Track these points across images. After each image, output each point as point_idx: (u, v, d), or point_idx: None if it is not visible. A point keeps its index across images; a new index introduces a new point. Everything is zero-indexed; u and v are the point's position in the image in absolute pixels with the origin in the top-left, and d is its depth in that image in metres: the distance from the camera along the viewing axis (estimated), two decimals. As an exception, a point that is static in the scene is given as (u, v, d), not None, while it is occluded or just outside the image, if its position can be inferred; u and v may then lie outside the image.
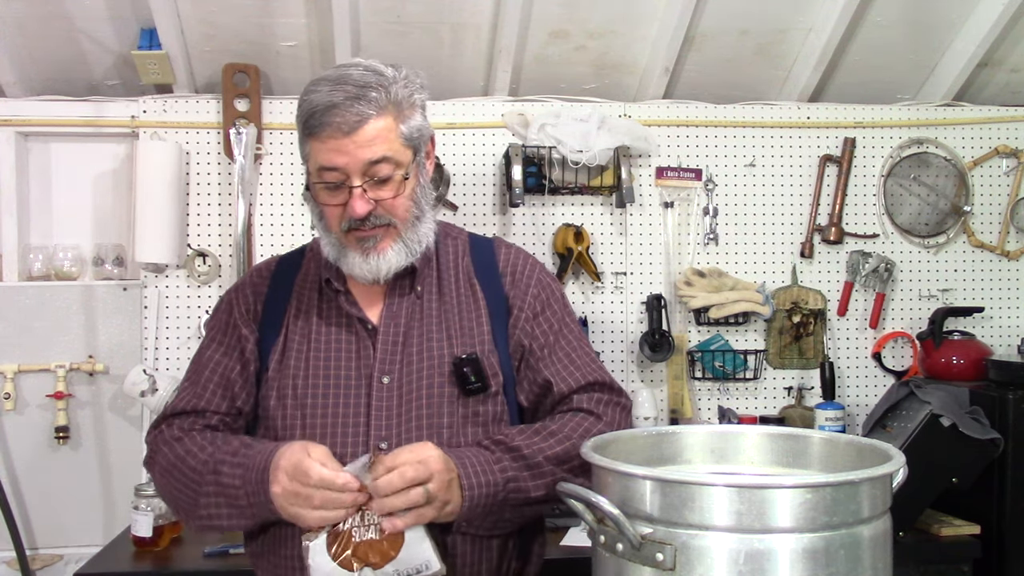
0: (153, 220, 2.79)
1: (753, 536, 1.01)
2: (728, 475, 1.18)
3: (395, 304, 1.59)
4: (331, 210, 1.51)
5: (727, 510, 1.01)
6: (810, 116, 3.15)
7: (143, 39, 2.76)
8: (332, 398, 1.54)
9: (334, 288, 1.60)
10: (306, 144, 1.50)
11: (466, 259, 1.66)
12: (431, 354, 1.56)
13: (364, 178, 1.47)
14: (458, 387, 1.54)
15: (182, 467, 1.52)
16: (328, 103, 1.44)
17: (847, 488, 1.04)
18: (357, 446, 1.51)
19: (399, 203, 1.51)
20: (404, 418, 1.52)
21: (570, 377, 1.60)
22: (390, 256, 1.52)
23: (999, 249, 3.21)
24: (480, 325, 1.60)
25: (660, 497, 1.04)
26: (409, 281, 1.60)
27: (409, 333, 1.57)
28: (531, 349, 1.61)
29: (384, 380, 1.54)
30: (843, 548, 1.03)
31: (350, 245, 1.52)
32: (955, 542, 2.57)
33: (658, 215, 3.08)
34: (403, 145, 1.49)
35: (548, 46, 2.93)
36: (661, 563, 1.03)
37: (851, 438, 1.26)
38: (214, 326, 1.68)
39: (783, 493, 1.01)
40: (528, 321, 1.62)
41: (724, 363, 3.05)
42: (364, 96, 1.45)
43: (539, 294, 1.65)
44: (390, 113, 1.47)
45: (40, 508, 2.85)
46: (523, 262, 1.68)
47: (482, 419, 1.56)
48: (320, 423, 1.53)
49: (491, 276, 1.65)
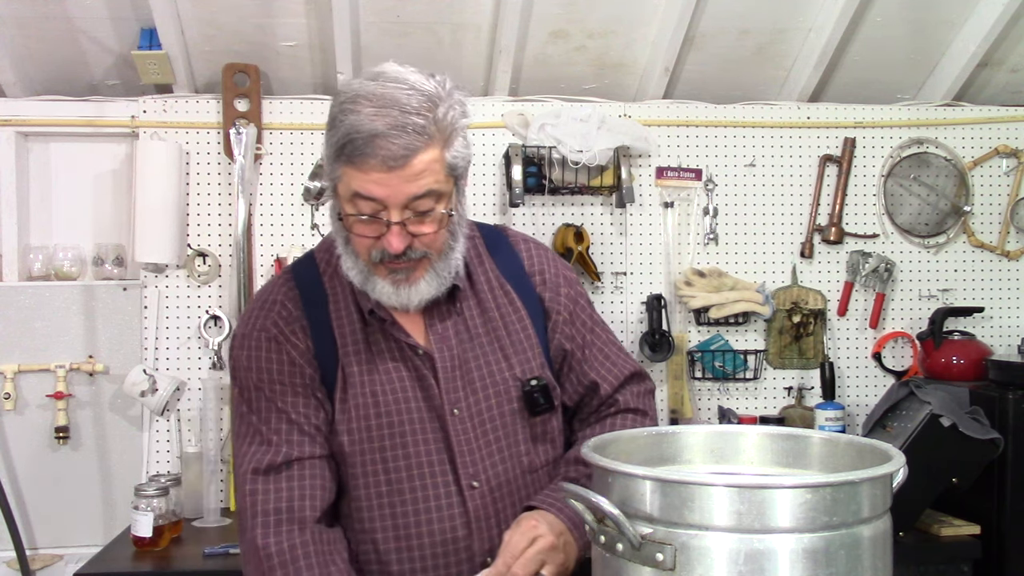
0: (153, 220, 2.79)
1: (753, 536, 1.01)
2: (728, 475, 1.18)
3: (438, 326, 1.52)
4: (362, 240, 1.40)
5: (727, 510, 1.01)
6: (810, 116, 3.15)
7: (143, 39, 2.76)
8: (410, 435, 1.48)
9: (379, 317, 1.50)
10: (338, 167, 1.37)
11: (489, 261, 1.60)
12: (494, 379, 1.52)
13: (404, 212, 1.36)
14: (527, 410, 1.53)
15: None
16: (371, 131, 1.31)
17: (847, 488, 1.04)
18: (448, 485, 1.48)
19: (437, 237, 1.42)
20: (485, 451, 1.50)
21: (610, 375, 1.62)
22: (422, 288, 1.44)
23: (999, 249, 3.21)
24: (529, 337, 1.56)
25: (660, 497, 1.04)
26: (448, 299, 1.53)
27: (464, 356, 1.52)
28: (572, 351, 1.60)
29: (455, 412, 1.49)
30: (843, 548, 1.03)
31: (379, 274, 1.44)
32: (955, 542, 2.57)
33: (658, 215, 3.08)
34: (447, 175, 1.39)
35: (548, 46, 2.93)
36: (661, 563, 1.03)
37: (851, 438, 1.26)
38: (267, 373, 1.49)
39: (783, 493, 1.01)
40: (566, 324, 1.60)
41: (724, 363, 3.05)
42: (412, 124, 1.32)
43: (570, 292, 1.62)
44: (437, 143, 1.35)
45: (40, 508, 2.85)
46: (547, 258, 1.64)
47: (550, 435, 1.56)
48: (404, 464, 1.47)
49: (521, 278, 1.60)
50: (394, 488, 1.47)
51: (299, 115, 2.95)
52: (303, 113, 2.96)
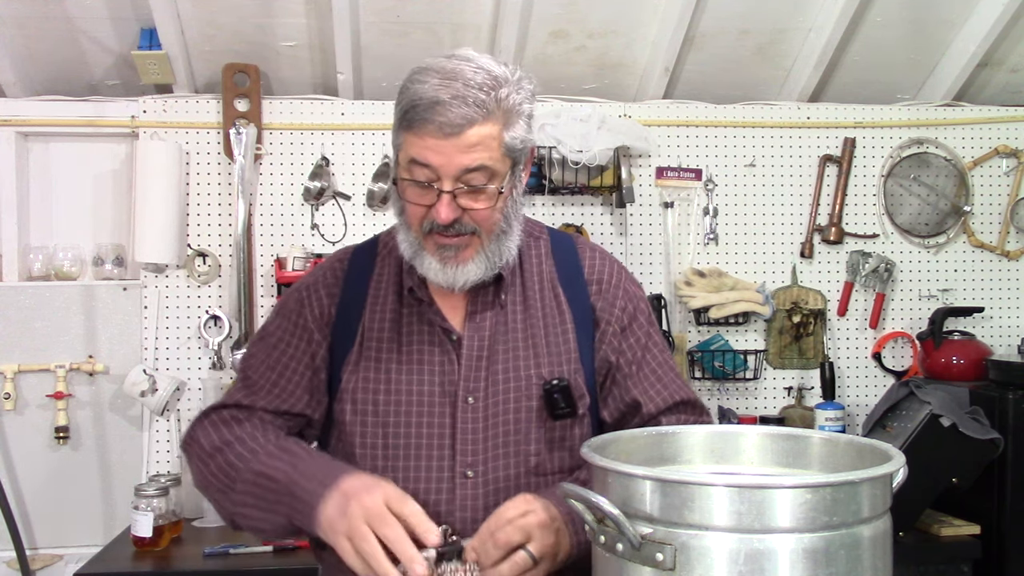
0: (153, 220, 2.79)
1: (753, 536, 1.01)
2: (728, 475, 1.18)
3: (479, 315, 1.51)
4: (414, 208, 1.41)
5: (727, 510, 1.01)
6: (810, 116, 3.15)
7: (143, 39, 2.76)
8: (416, 416, 1.47)
9: (417, 298, 1.50)
10: (400, 134, 1.40)
11: (549, 262, 1.57)
12: (518, 374, 1.49)
13: (456, 184, 1.36)
14: (547, 411, 1.48)
15: (227, 452, 1.42)
16: (433, 98, 1.33)
17: (847, 488, 1.03)
18: (442, 471, 1.46)
19: (489, 215, 1.41)
20: (491, 443, 1.47)
21: (658, 396, 1.55)
22: (470, 268, 1.43)
23: (999, 249, 3.21)
24: (567, 342, 1.53)
25: (660, 497, 1.04)
26: (494, 289, 1.51)
27: (494, 348, 1.50)
28: (618, 365, 1.55)
29: (469, 400, 1.47)
30: (843, 548, 1.03)
31: (428, 248, 1.43)
32: (955, 542, 2.57)
33: (658, 215, 3.08)
34: (503, 155, 1.38)
35: (548, 46, 2.93)
36: (661, 563, 1.03)
37: (851, 438, 1.26)
38: (281, 325, 1.55)
39: (783, 493, 1.01)
40: (616, 336, 1.55)
41: (724, 363, 3.05)
42: (473, 97, 1.34)
43: (627, 306, 1.57)
44: (497, 119, 1.36)
45: (40, 508, 2.85)
46: (609, 268, 1.59)
47: (569, 443, 1.51)
48: (403, 443, 1.47)
49: (576, 284, 1.56)
50: (391, 464, 1.47)
51: (299, 115, 2.95)
52: (303, 113, 2.96)
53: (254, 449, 1.41)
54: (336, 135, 2.97)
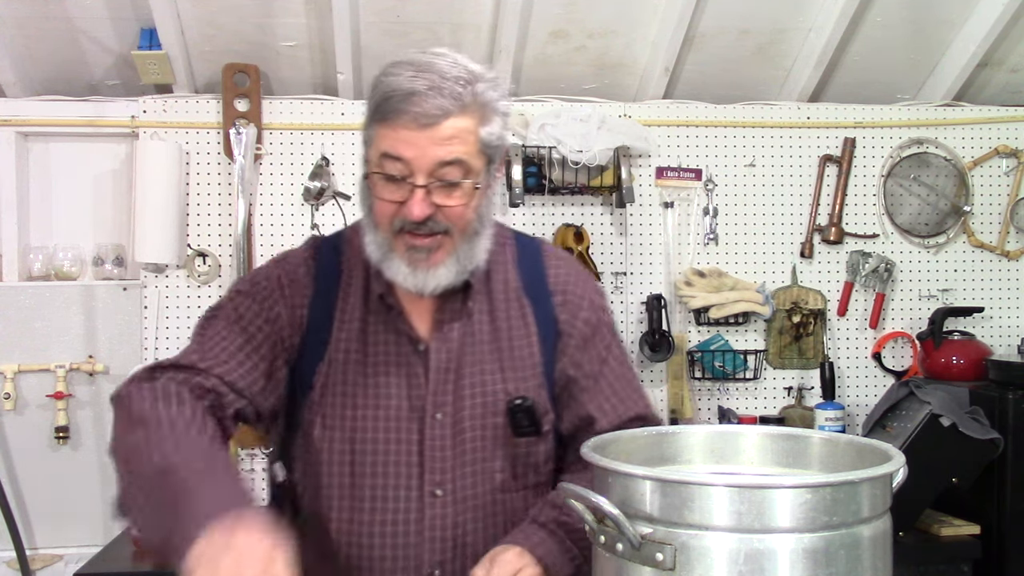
0: (153, 220, 2.79)
1: (753, 536, 1.01)
2: (728, 475, 1.18)
3: (446, 324, 1.45)
4: (384, 206, 1.36)
5: (727, 510, 1.01)
6: (810, 116, 3.15)
7: (143, 39, 2.76)
8: (383, 432, 1.42)
9: (387, 305, 1.44)
10: (372, 128, 1.36)
11: (514, 271, 1.52)
12: (484, 389, 1.45)
13: (430, 178, 1.32)
14: (511, 429, 1.45)
15: (149, 429, 1.25)
16: (408, 89, 1.30)
17: (847, 488, 1.03)
18: (411, 489, 1.42)
19: (463, 213, 1.36)
20: (457, 461, 1.43)
21: (612, 412, 1.51)
22: (440, 272, 1.38)
23: (999, 249, 3.21)
24: (532, 355, 1.48)
25: (660, 497, 1.04)
26: (462, 297, 1.46)
27: (461, 360, 1.45)
28: (575, 379, 1.51)
29: (438, 416, 1.43)
30: (843, 548, 1.03)
31: (398, 251, 1.37)
32: (955, 542, 2.57)
33: (658, 215, 3.08)
34: (479, 150, 1.35)
35: (548, 46, 2.93)
36: (661, 563, 1.03)
37: (851, 438, 1.26)
38: (251, 308, 1.45)
39: (783, 493, 1.01)
40: (577, 349, 1.51)
41: (724, 363, 3.05)
42: (449, 89, 1.30)
43: (590, 318, 1.53)
44: (473, 114, 1.33)
45: (40, 508, 2.85)
46: (575, 279, 1.55)
47: (533, 460, 1.49)
48: (371, 460, 1.42)
49: (541, 294, 1.52)
50: (357, 481, 1.42)
51: (299, 115, 2.95)
52: (303, 113, 2.96)
53: (177, 441, 1.23)
54: (336, 135, 2.97)
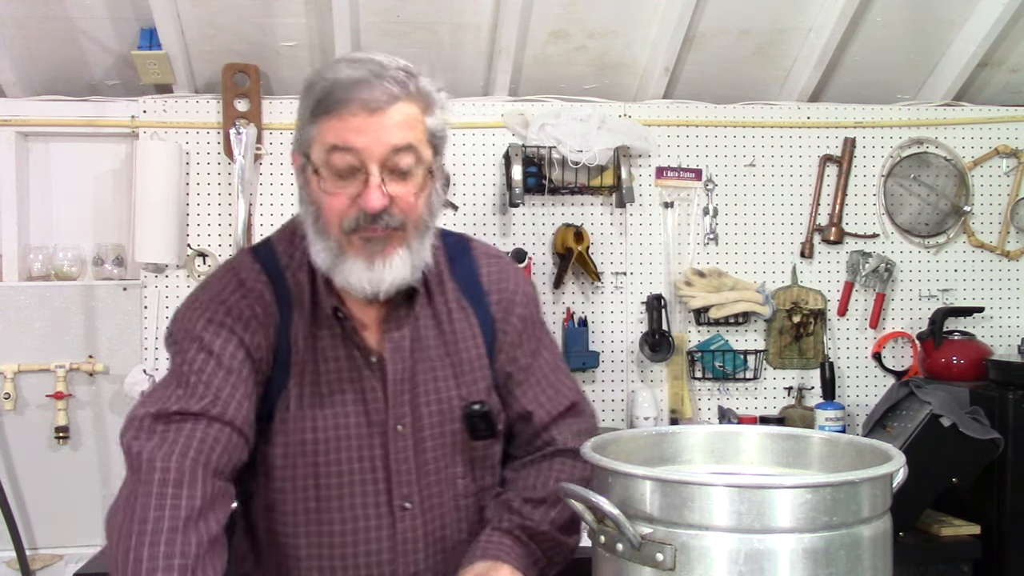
0: (153, 220, 2.79)
1: (753, 536, 1.01)
2: (728, 475, 1.18)
3: (396, 333, 1.42)
4: (334, 203, 1.30)
5: (727, 510, 1.01)
6: (810, 116, 3.15)
7: (143, 39, 2.76)
8: (345, 452, 1.39)
9: (339, 318, 1.39)
10: (313, 126, 1.30)
11: (447, 272, 1.50)
12: (439, 396, 1.44)
13: (384, 168, 1.28)
14: (468, 433, 1.45)
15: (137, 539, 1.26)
16: (352, 78, 1.26)
17: (847, 488, 1.04)
18: (379, 506, 1.40)
19: (416, 205, 1.32)
20: (422, 471, 1.42)
21: (548, 403, 1.52)
22: (396, 265, 1.33)
23: (999, 249, 3.21)
24: (480, 357, 1.48)
25: (660, 497, 1.04)
26: (407, 304, 1.43)
27: (415, 369, 1.43)
28: (511, 374, 1.51)
29: (399, 428, 1.41)
30: (843, 548, 1.03)
31: (351, 250, 1.32)
32: (955, 542, 2.57)
33: (658, 215, 3.08)
34: (427, 140, 1.32)
35: (548, 46, 2.93)
36: (661, 563, 1.03)
37: (851, 438, 1.26)
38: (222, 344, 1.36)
39: (783, 493, 1.01)
40: (512, 346, 1.50)
41: (724, 363, 3.05)
42: (392, 76, 1.28)
43: (523, 313, 1.52)
44: (418, 102, 1.31)
45: (40, 508, 2.85)
46: (506, 275, 1.53)
47: (490, 462, 1.49)
48: (336, 483, 1.39)
49: (477, 294, 1.50)
50: (323, 505, 1.39)
51: (299, 115, 2.95)
52: (303, 113, 2.95)
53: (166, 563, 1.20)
54: (336, 135, 2.96)
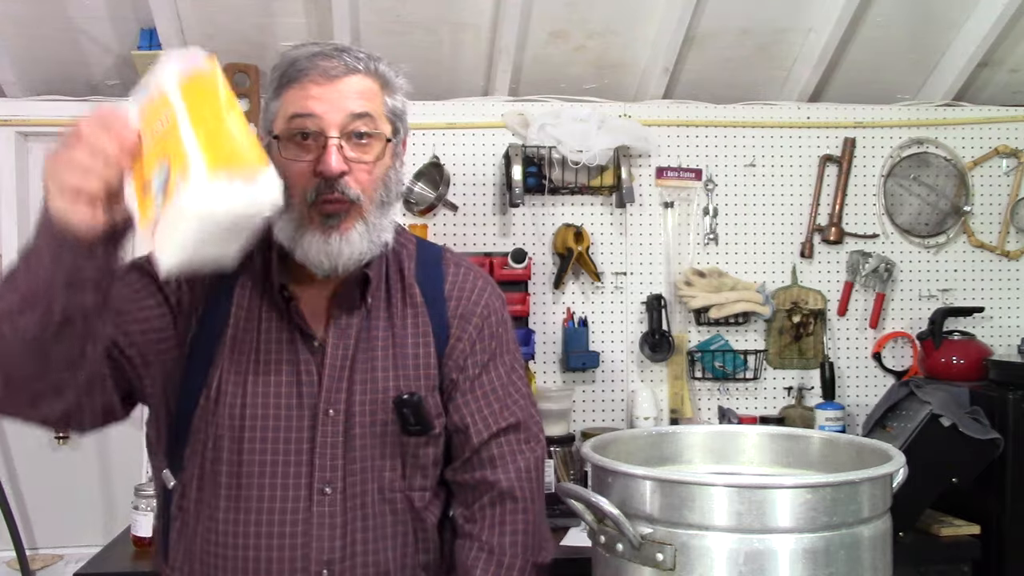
0: (153, 220, 2.79)
1: (753, 536, 1.01)
2: (728, 475, 1.19)
3: (343, 320, 1.44)
4: (297, 170, 1.34)
5: (727, 510, 1.01)
6: (810, 116, 3.15)
7: (143, 39, 2.76)
8: (272, 431, 1.40)
9: (286, 296, 1.42)
10: (277, 99, 1.38)
11: (411, 272, 1.51)
12: (375, 386, 1.44)
13: (343, 134, 1.34)
14: (399, 425, 1.44)
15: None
16: (313, 52, 1.36)
17: (847, 488, 1.04)
18: (299, 488, 1.40)
19: (372, 176, 1.37)
20: (347, 457, 1.42)
21: (490, 417, 1.50)
22: (353, 238, 1.37)
23: (999, 249, 3.21)
24: (428, 356, 1.48)
25: (660, 497, 1.04)
26: (359, 292, 1.46)
27: (356, 357, 1.44)
28: (456, 382, 1.50)
29: (330, 413, 1.42)
30: (843, 548, 1.03)
31: (312, 223, 1.36)
32: (955, 542, 2.57)
33: (658, 215, 3.08)
34: (386, 115, 1.40)
35: (548, 46, 2.93)
36: (661, 563, 1.03)
37: (851, 438, 1.26)
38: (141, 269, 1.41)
39: (783, 493, 1.02)
40: (463, 354, 1.50)
41: (724, 363, 3.05)
42: (352, 53, 1.37)
43: (480, 324, 1.52)
44: (377, 80, 1.39)
45: (40, 508, 2.85)
46: (471, 285, 1.54)
47: (422, 462, 1.48)
48: (259, 460, 1.40)
49: (437, 298, 1.51)
50: (244, 482, 1.40)
51: (299, 115, 2.95)
52: (303, 113, 2.95)
53: None
54: (336, 135, 2.96)
